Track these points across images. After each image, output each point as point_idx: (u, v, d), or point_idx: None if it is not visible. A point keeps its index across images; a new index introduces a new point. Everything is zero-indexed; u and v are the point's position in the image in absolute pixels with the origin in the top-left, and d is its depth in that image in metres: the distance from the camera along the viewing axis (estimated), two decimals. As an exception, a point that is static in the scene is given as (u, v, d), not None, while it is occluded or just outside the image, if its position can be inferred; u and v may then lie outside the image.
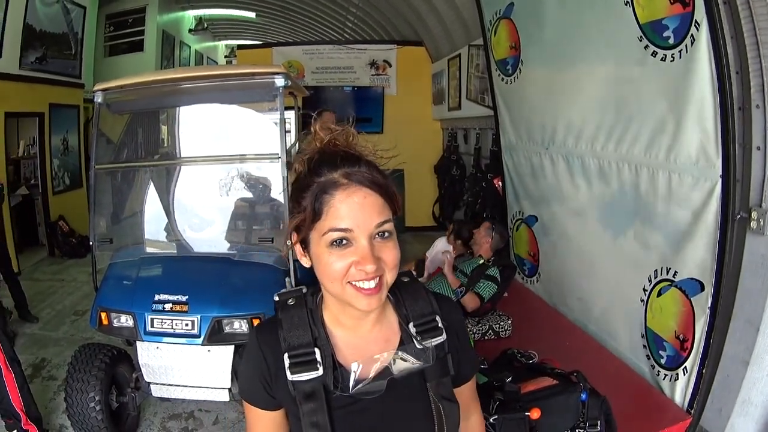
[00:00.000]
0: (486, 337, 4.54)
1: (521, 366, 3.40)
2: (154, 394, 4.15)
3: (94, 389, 3.91)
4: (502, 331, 4.58)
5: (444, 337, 1.44)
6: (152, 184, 4.84)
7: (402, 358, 1.40)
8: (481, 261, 4.90)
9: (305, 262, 1.41)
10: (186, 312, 3.91)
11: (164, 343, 3.95)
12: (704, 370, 3.33)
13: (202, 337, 3.88)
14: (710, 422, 3.35)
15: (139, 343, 4.01)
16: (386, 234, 1.32)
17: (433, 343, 1.42)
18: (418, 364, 1.40)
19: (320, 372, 1.36)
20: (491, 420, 2.82)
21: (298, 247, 1.41)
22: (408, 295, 1.50)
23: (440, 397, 1.44)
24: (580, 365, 3.22)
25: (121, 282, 4.21)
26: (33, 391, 4.11)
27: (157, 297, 3.96)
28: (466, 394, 1.62)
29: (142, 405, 4.52)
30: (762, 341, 3.04)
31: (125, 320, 3.97)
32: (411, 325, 1.45)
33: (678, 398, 3.55)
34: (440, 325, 1.45)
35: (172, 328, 3.90)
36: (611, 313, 4.31)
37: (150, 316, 3.92)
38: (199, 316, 3.90)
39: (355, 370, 1.38)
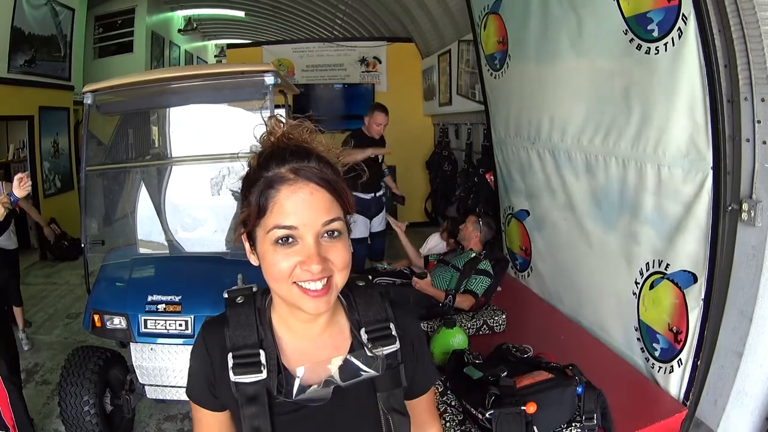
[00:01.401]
0: (480, 332, 4.52)
1: (516, 360, 3.41)
2: (148, 396, 4.13)
3: (88, 393, 3.88)
4: (496, 326, 4.56)
5: (397, 346, 1.38)
6: (143, 184, 4.82)
7: (349, 366, 1.34)
8: (473, 254, 4.89)
9: (253, 261, 1.35)
10: (179, 312, 3.88)
11: (158, 344, 3.93)
12: (699, 362, 3.33)
13: (196, 337, 3.83)
14: (706, 414, 3.34)
15: (132, 345, 3.99)
16: (335, 233, 1.26)
17: (384, 352, 1.36)
18: (366, 373, 1.34)
19: (264, 375, 1.30)
20: (487, 415, 2.83)
21: (247, 245, 1.35)
22: (362, 299, 1.42)
23: (390, 408, 1.38)
24: (574, 359, 3.23)
25: (113, 283, 4.18)
26: (26, 396, 4.08)
27: (150, 298, 3.93)
28: (422, 407, 1.56)
29: (137, 407, 4.48)
30: (755, 332, 3.04)
31: (118, 322, 3.93)
32: (363, 331, 1.38)
33: (673, 390, 3.54)
34: (394, 333, 1.38)
35: (165, 328, 3.87)
36: (604, 307, 4.31)
37: (143, 317, 3.90)
38: (192, 316, 3.87)
39: (300, 375, 1.32)
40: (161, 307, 3.90)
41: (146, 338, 3.91)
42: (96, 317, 3.98)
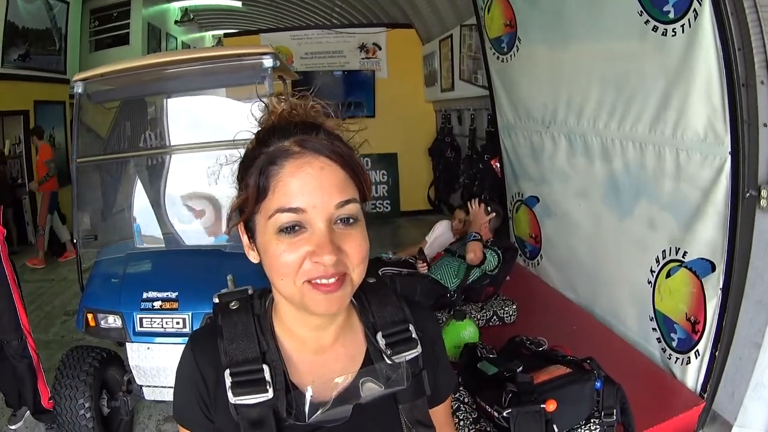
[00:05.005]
0: (491, 324, 4.43)
1: (531, 354, 3.30)
2: (146, 397, 3.99)
3: (83, 395, 3.73)
4: (507, 317, 4.46)
5: (418, 350, 1.20)
6: (138, 176, 4.67)
7: (370, 380, 1.17)
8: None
9: (253, 257, 1.16)
10: (176, 309, 3.74)
11: (155, 344, 3.79)
12: (717, 353, 3.24)
13: (183, 351, 3.70)
14: (723, 406, 3.25)
15: (128, 345, 3.84)
16: (351, 220, 1.07)
17: (406, 358, 1.19)
18: (389, 389, 1.17)
19: (269, 395, 1.10)
20: (504, 413, 2.72)
21: (244, 238, 1.17)
22: (375, 299, 1.24)
23: (414, 421, 1.21)
24: (588, 350, 3.15)
25: (107, 280, 4.03)
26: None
27: (145, 295, 3.78)
28: (441, 414, 1.37)
29: (135, 408, 4.36)
30: (774, 322, 2.95)
31: (113, 321, 3.79)
32: (379, 335, 1.20)
33: (690, 382, 3.45)
34: (414, 335, 1.21)
35: (162, 327, 3.73)
36: (618, 296, 4.22)
37: (138, 316, 3.76)
38: (190, 314, 3.73)
39: (312, 393, 1.13)
40: (157, 304, 3.76)
41: (142, 338, 3.77)
42: (90, 316, 3.85)
